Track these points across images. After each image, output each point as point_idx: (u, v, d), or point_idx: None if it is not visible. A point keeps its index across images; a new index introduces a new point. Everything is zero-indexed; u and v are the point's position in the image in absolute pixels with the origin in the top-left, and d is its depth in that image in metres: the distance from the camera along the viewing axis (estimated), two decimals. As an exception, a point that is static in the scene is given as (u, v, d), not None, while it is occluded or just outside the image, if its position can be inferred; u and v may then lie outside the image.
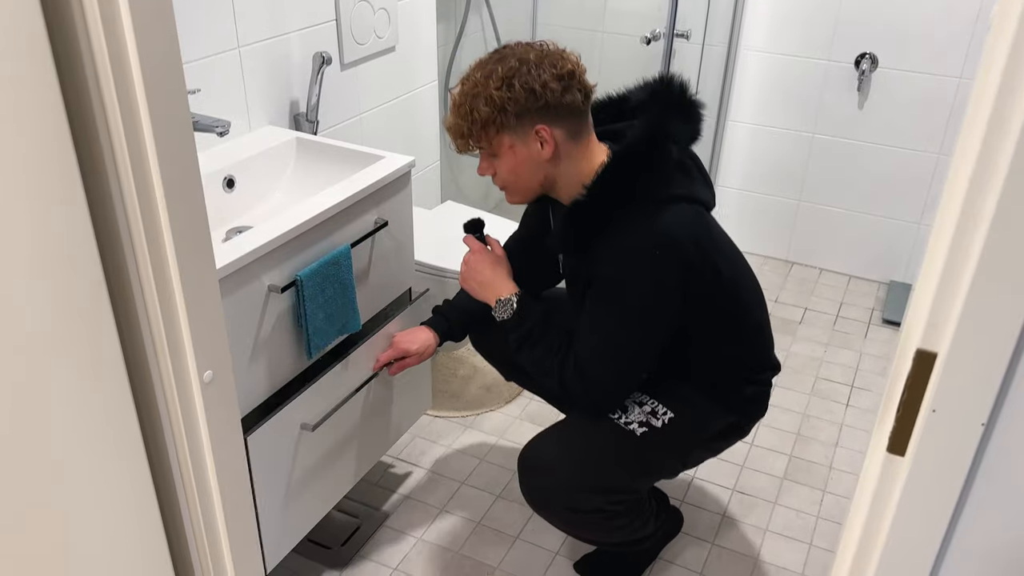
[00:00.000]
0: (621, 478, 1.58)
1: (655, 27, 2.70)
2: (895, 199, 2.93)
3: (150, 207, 0.88)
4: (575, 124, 1.43)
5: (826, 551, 1.96)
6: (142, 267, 0.90)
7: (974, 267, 0.65)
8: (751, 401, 1.66)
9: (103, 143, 0.84)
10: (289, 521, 1.63)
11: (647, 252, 1.40)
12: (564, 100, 1.38)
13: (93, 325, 0.89)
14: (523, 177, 1.46)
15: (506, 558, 1.92)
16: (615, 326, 1.45)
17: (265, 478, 1.52)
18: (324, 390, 1.62)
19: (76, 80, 0.82)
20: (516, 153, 1.43)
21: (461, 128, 1.42)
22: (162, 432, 1.01)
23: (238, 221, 1.78)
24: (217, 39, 1.78)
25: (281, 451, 1.56)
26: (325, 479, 1.71)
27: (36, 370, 0.83)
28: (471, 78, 1.41)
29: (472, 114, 1.39)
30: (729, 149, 3.10)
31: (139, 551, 1.04)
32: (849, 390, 2.52)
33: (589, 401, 1.51)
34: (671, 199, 1.42)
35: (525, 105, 1.37)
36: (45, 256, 0.81)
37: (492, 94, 1.37)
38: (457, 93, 1.43)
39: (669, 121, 1.44)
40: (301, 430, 1.58)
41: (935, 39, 2.64)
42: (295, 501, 1.63)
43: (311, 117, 2.04)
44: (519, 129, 1.40)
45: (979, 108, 0.62)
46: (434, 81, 2.61)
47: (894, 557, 0.80)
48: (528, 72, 1.36)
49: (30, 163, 0.77)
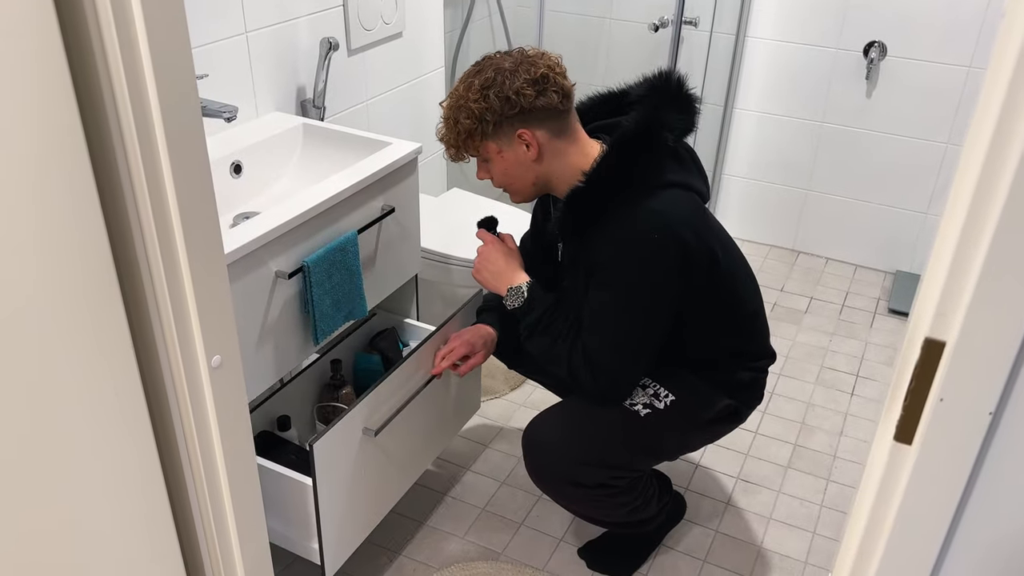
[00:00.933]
0: (623, 455, 1.61)
1: (663, 14, 2.69)
2: (902, 188, 2.92)
3: (159, 193, 0.88)
4: (557, 123, 1.47)
5: (830, 540, 1.97)
6: (151, 252, 0.91)
7: (984, 256, 0.65)
8: (748, 387, 1.69)
9: (112, 128, 0.84)
10: (348, 528, 1.61)
11: (646, 236, 1.42)
12: (539, 103, 1.44)
13: (103, 310, 0.89)
14: (516, 178, 1.53)
15: (511, 544, 1.93)
16: (619, 311, 1.48)
17: (328, 486, 1.50)
18: (385, 394, 1.60)
19: (86, 66, 0.82)
20: (505, 157, 1.49)
21: (449, 139, 1.51)
22: (170, 416, 1.02)
23: (245, 207, 1.78)
24: (224, 24, 1.78)
25: (345, 458, 1.53)
26: (385, 483, 1.69)
27: (46, 356, 0.84)
28: (455, 92, 1.49)
29: (456, 126, 1.47)
30: (736, 137, 3.09)
31: (147, 533, 1.05)
32: (854, 379, 2.52)
33: (597, 389, 1.53)
34: (666, 185, 1.46)
35: (502, 113, 1.44)
36: (55, 242, 0.81)
37: (471, 106, 1.45)
38: (444, 107, 1.51)
39: (664, 111, 1.47)
40: (363, 435, 1.57)
41: (945, 27, 2.63)
42: (356, 507, 1.61)
43: (318, 103, 2.04)
44: (501, 135, 1.47)
45: (991, 96, 0.62)
46: (441, 67, 2.60)
47: (900, 545, 0.80)
48: (502, 82, 1.43)
49: (40, 149, 0.78)
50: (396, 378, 1.62)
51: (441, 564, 1.87)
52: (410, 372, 1.67)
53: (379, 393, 1.58)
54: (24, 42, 0.74)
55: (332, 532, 1.55)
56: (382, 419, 1.59)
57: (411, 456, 1.76)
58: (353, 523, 1.62)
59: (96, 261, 0.87)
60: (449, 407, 1.87)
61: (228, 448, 1.07)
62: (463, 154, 1.53)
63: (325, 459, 1.47)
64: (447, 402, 1.85)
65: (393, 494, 1.75)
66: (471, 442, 2.22)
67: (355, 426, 1.54)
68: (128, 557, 1.03)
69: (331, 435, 1.47)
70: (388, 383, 1.60)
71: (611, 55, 3.02)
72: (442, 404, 1.83)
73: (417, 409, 1.72)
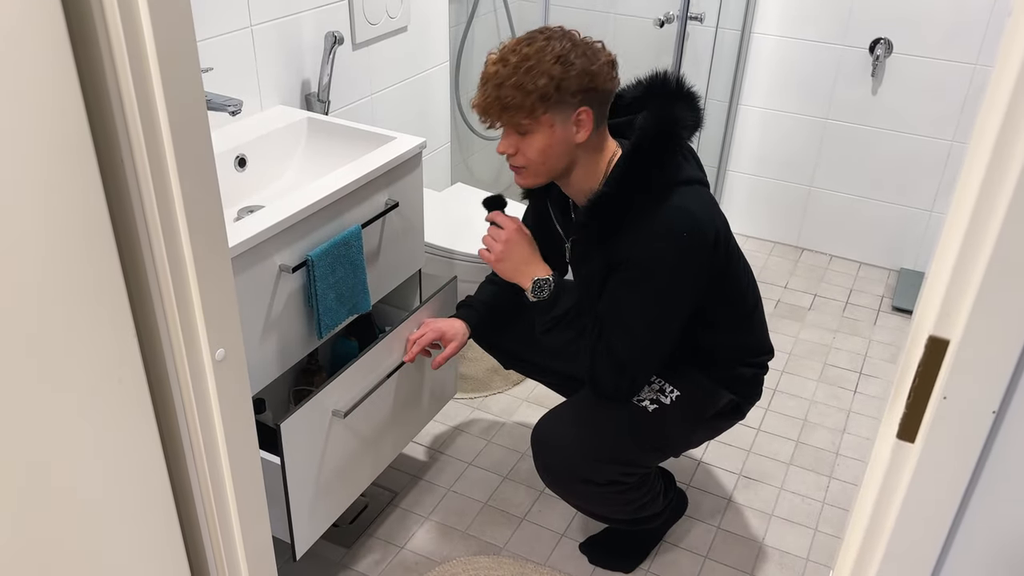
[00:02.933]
0: (633, 451, 1.61)
1: (668, 9, 2.68)
2: (907, 186, 2.91)
3: (164, 186, 0.88)
4: (604, 112, 1.45)
5: (831, 536, 1.97)
6: (156, 245, 0.91)
7: (989, 254, 0.65)
8: (748, 383, 1.70)
9: (118, 121, 0.84)
10: (320, 508, 1.63)
11: (677, 236, 1.42)
12: (609, 87, 1.41)
13: (107, 303, 0.89)
14: (551, 158, 1.44)
15: (512, 538, 1.93)
16: (646, 309, 1.47)
17: (297, 465, 1.51)
18: (356, 377, 1.61)
19: (91, 59, 0.82)
20: (554, 133, 1.40)
21: (507, 102, 1.37)
22: (174, 409, 1.02)
23: (249, 200, 1.78)
24: (229, 17, 1.78)
25: (313, 438, 1.54)
26: (355, 465, 1.70)
27: (50, 347, 0.84)
28: (519, 52, 1.37)
29: (526, 87, 1.35)
30: (741, 134, 3.09)
31: (150, 524, 1.05)
32: (857, 377, 2.52)
33: (616, 386, 1.52)
34: (684, 181, 1.46)
35: (580, 85, 1.37)
36: (59, 235, 0.82)
37: (551, 69, 1.35)
38: (501, 67, 1.38)
39: (677, 110, 1.47)
40: (333, 417, 1.57)
41: (951, 24, 2.62)
42: (326, 488, 1.62)
43: (322, 97, 2.04)
44: (563, 109, 1.39)
45: (998, 94, 0.62)
46: (446, 62, 2.60)
47: (901, 543, 0.80)
48: (583, 54, 1.37)
49: (46, 142, 0.78)
50: (367, 362, 1.63)
51: (443, 558, 1.87)
52: (382, 356, 1.67)
53: (349, 375, 1.58)
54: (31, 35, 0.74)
55: (302, 511, 1.57)
56: (352, 401, 1.60)
57: (382, 439, 1.77)
58: (324, 504, 1.64)
59: (101, 254, 0.87)
60: (422, 392, 1.88)
61: (231, 440, 1.07)
62: (505, 120, 1.40)
63: (293, 439, 1.48)
64: (420, 387, 1.86)
65: (365, 477, 1.76)
66: (473, 437, 2.23)
67: (324, 407, 1.55)
68: (131, 546, 1.03)
69: (299, 415, 1.48)
70: (358, 366, 1.60)
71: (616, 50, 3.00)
72: (415, 389, 1.84)
73: (388, 393, 1.73)
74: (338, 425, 1.59)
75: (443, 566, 1.85)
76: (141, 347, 0.96)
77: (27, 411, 0.84)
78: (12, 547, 0.87)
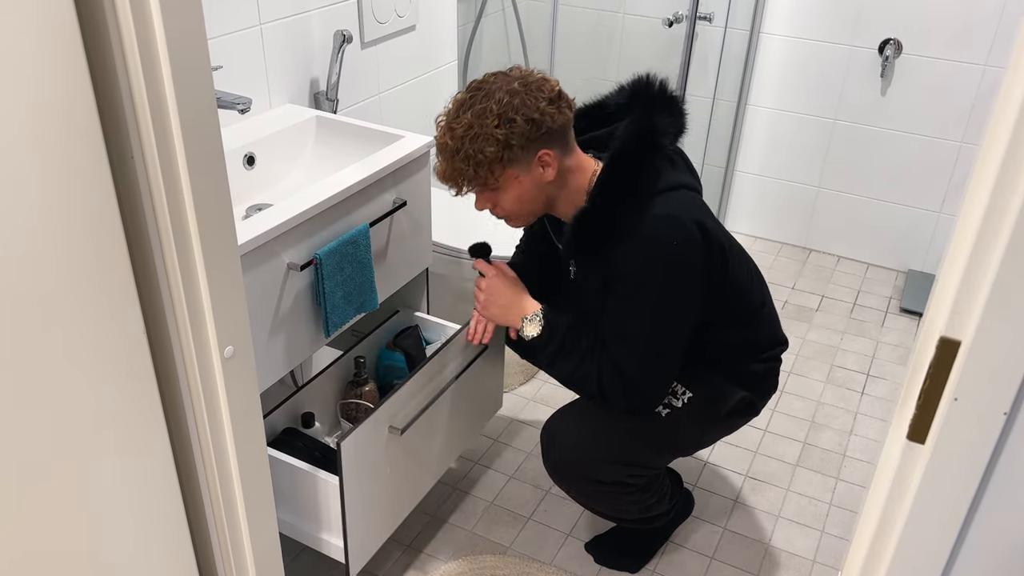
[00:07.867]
0: (643, 453, 1.61)
1: (677, 9, 2.68)
2: (916, 187, 2.90)
3: (174, 183, 0.89)
4: (565, 141, 1.44)
5: (838, 538, 1.96)
6: (166, 243, 0.91)
7: (1001, 255, 0.65)
8: (762, 378, 1.68)
9: (128, 119, 0.84)
10: (375, 523, 1.61)
11: (666, 245, 1.40)
12: (559, 122, 1.39)
13: (117, 300, 0.90)
14: (528, 202, 1.46)
15: (518, 538, 1.93)
16: (644, 322, 1.46)
17: (354, 484, 1.50)
18: (412, 392, 1.60)
19: (103, 58, 0.82)
20: (522, 183, 1.42)
21: (464, 173, 1.39)
22: (182, 406, 1.02)
23: (258, 198, 1.78)
24: (239, 16, 1.78)
25: (371, 456, 1.53)
26: (408, 481, 1.69)
27: (60, 345, 0.84)
28: (461, 121, 1.37)
29: (476, 156, 1.36)
30: (749, 134, 3.08)
31: (158, 519, 1.06)
32: (865, 378, 2.51)
33: (629, 404, 1.50)
34: (668, 188, 1.44)
35: (528, 136, 1.36)
36: (70, 231, 0.82)
37: (494, 133, 1.35)
38: (448, 139, 1.39)
39: (656, 117, 1.44)
40: (389, 433, 1.56)
41: (961, 25, 2.61)
42: (381, 504, 1.61)
43: (331, 96, 2.04)
44: (523, 160, 1.39)
45: (1011, 95, 0.62)
46: (454, 61, 2.60)
47: (911, 544, 0.80)
48: (524, 103, 1.35)
49: (57, 140, 0.78)
50: (421, 377, 1.62)
51: (449, 557, 1.87)
52: (435, 371, 1.66)
53: (404, 392, 1.57)
54: (43, 34, 0.74)
55: (358, 530, 1.56)
56: (408, 418, 1.59)
57: (435, 454, 1.76)
58: (378, 521, 1.62)
59: (111, 250, 0.87)
60: (472, 405, 1.87)
61: (240, 437, 1.08)
62: (470, 187, 1.42)
63: (352, 458, 1.47)
64: (470, 400, 1.85)
65: (417, 492, 1.75)
66: (480, 436, 2.23)
67: (381, 425, 1.53)
68: (138, 542, 1.03)
69: (358, 434, 1.47)
70: (413, 382, 1.59)
71: (624, 50, 3.01)
72: (466, 402, 1.83)
73: (441, 408, 1.72)
74: (394, 442, 1.58)
75: (449, 565, 1.85)
76: (151, 344, 0.96)
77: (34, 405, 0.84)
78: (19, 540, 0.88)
